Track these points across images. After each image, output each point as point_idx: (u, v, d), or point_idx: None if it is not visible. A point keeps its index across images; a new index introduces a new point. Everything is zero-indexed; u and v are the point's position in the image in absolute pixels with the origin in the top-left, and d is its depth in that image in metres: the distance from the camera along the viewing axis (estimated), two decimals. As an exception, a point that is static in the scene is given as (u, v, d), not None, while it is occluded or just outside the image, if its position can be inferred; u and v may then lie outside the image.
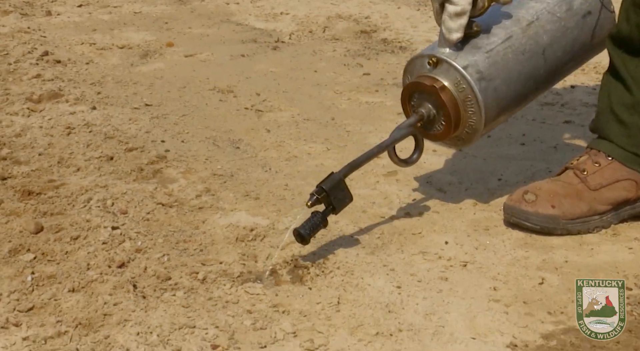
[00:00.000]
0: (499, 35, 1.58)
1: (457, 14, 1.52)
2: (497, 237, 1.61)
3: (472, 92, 1.55)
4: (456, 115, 1.57)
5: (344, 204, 1.51)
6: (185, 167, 1.87)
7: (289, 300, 1.39)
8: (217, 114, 2.20)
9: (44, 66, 2.46)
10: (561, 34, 1.63)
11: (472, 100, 1.55)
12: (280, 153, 1.97)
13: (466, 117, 1.57)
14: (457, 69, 1.55)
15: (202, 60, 2.63)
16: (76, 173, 1.80)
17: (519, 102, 1.65)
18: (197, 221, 1.63)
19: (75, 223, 1.57)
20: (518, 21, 1.60)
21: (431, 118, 1.59)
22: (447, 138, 1.61)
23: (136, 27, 2.96)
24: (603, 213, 1.62)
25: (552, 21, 1.63)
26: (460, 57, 1.56)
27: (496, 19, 1.60)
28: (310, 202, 1.48)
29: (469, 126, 1.58)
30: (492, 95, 1.57)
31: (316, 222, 1.46)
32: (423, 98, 1.59)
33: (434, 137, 1.63)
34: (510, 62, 1.58)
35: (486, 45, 1.57)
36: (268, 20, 3.11)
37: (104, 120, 2.09)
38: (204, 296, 1.39)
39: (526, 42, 1.60)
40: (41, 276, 1.41)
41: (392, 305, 1.38)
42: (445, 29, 1.54)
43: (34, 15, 3.04)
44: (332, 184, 1.49)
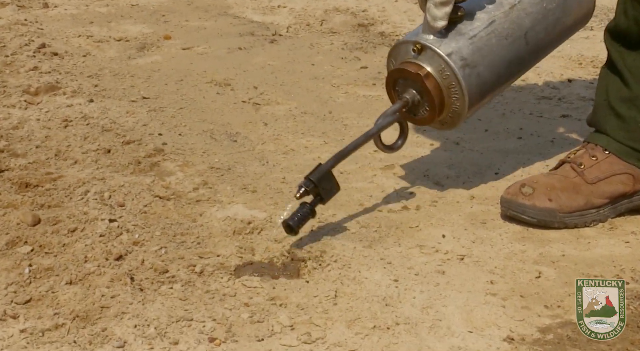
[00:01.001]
0: (482, 20, 1.60)
1: (442, 2, 1.53)
2: (494, 230, 1.61)
3: (456, 78, 1.57)
4: (440, 101, 1.59)
5: (332, 194, 1.53)
6: (183, 160, 1.87)
7: (286, 293, 1.39)
8: (215, 107, 2.20)
9: (41, 58, 2.46)
10: (542, 16, 1.65)
11: (456, 86, 1.57)
12: (278, 146, 1.97)
13: (450, 103, 1.59)
14: (441, 56, 1.56)
15: (199, 53, 2.63)
16: (73, 165, 1.80)
17: (501, 85, 1.67)
18: (194, 214, 1.63)
19: (73, 216, 1.57)
20: (501, 4, 1.62)
21: (415, 103, 1.61)
22: (431, 122, 1.64)
23: (133, 20, 2.95)
24: (600, 207, 1.62)
25: (534, 3, 1.64)
26: (445, 44, 1.57)
27: (479, 2, 1.61)
28: (299, 194, 1.49)
29: (453, 111, 1.61)
30: (476, 81, 1.59)
31: (305, 213, 1.48)
32: (407, 85, 1.61)
33: (418, 122, 1.65)
34: (493, 47, 1.60)
35: (469, 31, 1.58)
36: (265, 13, 3.10)
37: (101, 113, 2.08)
38: (201, 289, 1.39)
39: (509, 26, 1.61)
40: (38, 269, 1.41)
41: (389, 298, 1.38)
42: (430, 17, 1.55)
43: (31, 7, 3.03)
44: (319, 175, 1.50)
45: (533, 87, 2.39)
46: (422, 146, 1.98)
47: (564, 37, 1.74)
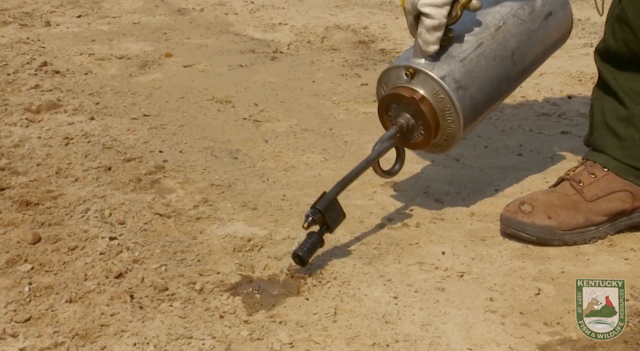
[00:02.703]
0: (470, 43, 1.61)
1: (434, 27, 1.54)
2: (494, 247, 1.61)
3: (451, 101, 1.58)
4: (435, 124, 1.60)
5: (338, 222, 1.54)
6: (183, 177, 1.87)
7: (285, 311, 1.39)
8: (215, 124, 2.20)
9: (42, 77, 2.47)
10: (526, 36, 1.67)
11: (451, 109, 1.58)
12: (278, 163, 1.98)
13: (445, 125, 1.60)
14: (435, 80, 1.57)
15: (200, 71, 2.64)
16: (74, 183, 1.81)
17: (492, 105, 1.69)
18: (194, 231, 1.64)
19: (73, 234, 1.58)
20: (487, 27, 1.64)
21: (410, 128, 1.62)
22: (425, 146, 1.64)
23: (135, 38, 2.97)
24: (599, 224, 1.63)
25: (518, 24, 1.66)
26: (437, 67, 1.58)
27: (466, 25, 1.63)
28: (307, 223, 1.49)
29: (447, 133, 1.62)
30: (469, 102, 1.60)
31: (313, 242, 1.48)
32: (401, 109, 1.62)
33: (412, 146, 1.65)
34: (483, 69, 1.62)
35: (460, 54, 1.60)
36: (266, 31, 3.12)
37: (102, 131, 2.09)
38: (201, 306, 1.39)
39: (496, 48, 1.63)
40: (38, 287, 1.41)
41: (388, 315, 1.38)
42: (422, 42, 1.56)
43: (33, 25, 3.05)
44: (325, 204, 1.51)
45: (533, 103, 2.40)
46: (422, 163, 1.99)
47: (547, 55, 1.77)
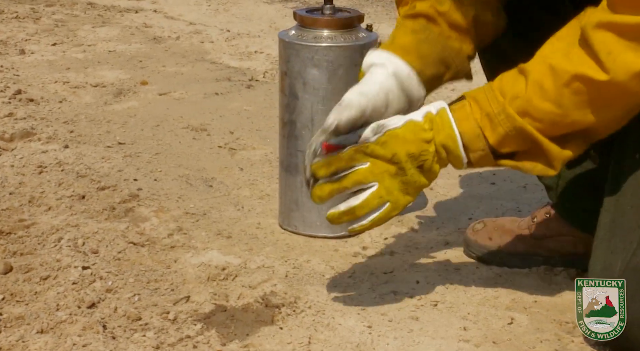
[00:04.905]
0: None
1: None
2: (468, 276, 1.62)
3: None
4: None
5: None
6: (158, 205, 1.87)
7: (259, 340, 1.38)
8: (190, 152, 2.20)
9: (16, 104, 2.46)
10: None
11: None
12: (253, 191, 1.98)
13: None
14: None
15: (176, 99, 2.64)
16: (47, 212, 1.79)
17: None
18: (168, 260, 1.63)
19: (45, 263, 1.57)
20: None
21: None
22: None
23: (110, 66, 2.97)
24: (545, 257, 1.63)
25: None
26: None
27: None
28: None
29: None
30: None
31: None
32: None
33: None
34: None
35: None
36: (242, 59, 3.13)
37: (76, 159, 2.08)
38: (175, 336, 1.38)
39: None
40: (9, 318, 1.40)
41: (362, 345, 1.38)
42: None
43: (7, 53, 3.04)
44: None
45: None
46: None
47: None
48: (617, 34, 1.18)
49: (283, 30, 1.75)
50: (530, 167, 1.31)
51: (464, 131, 1.31)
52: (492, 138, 1.30)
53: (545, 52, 1.28)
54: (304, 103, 1.70)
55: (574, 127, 1.26)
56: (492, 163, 1.33)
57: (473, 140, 1.30)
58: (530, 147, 1.29)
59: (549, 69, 1.24)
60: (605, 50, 1.19)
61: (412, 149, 1.32)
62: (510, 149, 1.31)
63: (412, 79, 1.40)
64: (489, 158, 1.32)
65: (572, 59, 1.22)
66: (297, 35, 1.70)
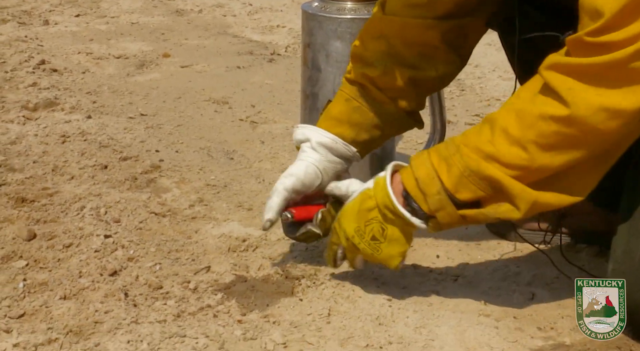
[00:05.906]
0: None
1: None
2: (489, 251, 1.61)
3: None
4: None
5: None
6: (179, 176, 1.87)
7: (279, 311, 1.39)
8: (212, 125, 2.21)
9: (40, 75, 2.47)
10: None
11: None
12: (274, 164, 1.98)
13: None
14: None
15: (198, 71, 2.64)
16: (70, 181, 1.81)
17: None
18: (189, 231, 1.64)
19: (68, 231, 1.58)
20: None
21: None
22: None
23: (133, 38, 2.97)
24: (568, 234, 1.62)
25: None
26: None
27: None
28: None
29: None
30: None
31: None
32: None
33: None
34: None
35: None
36: (264, 33, 3.12)
37: (99, 129, 2.09)
38: (195, 305, 1.39)
39: None
40: (33, 283, 1.41)
41: (382, 317, 1.38)
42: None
43: (32, 24, 3.05)
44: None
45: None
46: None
47: None
48: (575, 76, 1.18)
49: (306, 2, 1.74)
50: (493, 210, 1.27)
51: (419, 176, 1.30)
52: (448, 181, 1.28)
53: (512, 100, 1.28)
54: (327, 75, 1.70)
55: (544, 172, 1.24)
56: (456, 216, 1.29)
57: (428, 184, 1.29)
58: (493, 189, 1.26)
59: (515, 114, 1.24)
60: (564, 86, 1.19)
61: (357, 223, 1.36)
62: (469, 194, 1.27)
63: (337, 143, 1.48)
64: (449, 206, 1.28)
65: (536, 102, 1.22)
66: (320, 7, 1.69)
